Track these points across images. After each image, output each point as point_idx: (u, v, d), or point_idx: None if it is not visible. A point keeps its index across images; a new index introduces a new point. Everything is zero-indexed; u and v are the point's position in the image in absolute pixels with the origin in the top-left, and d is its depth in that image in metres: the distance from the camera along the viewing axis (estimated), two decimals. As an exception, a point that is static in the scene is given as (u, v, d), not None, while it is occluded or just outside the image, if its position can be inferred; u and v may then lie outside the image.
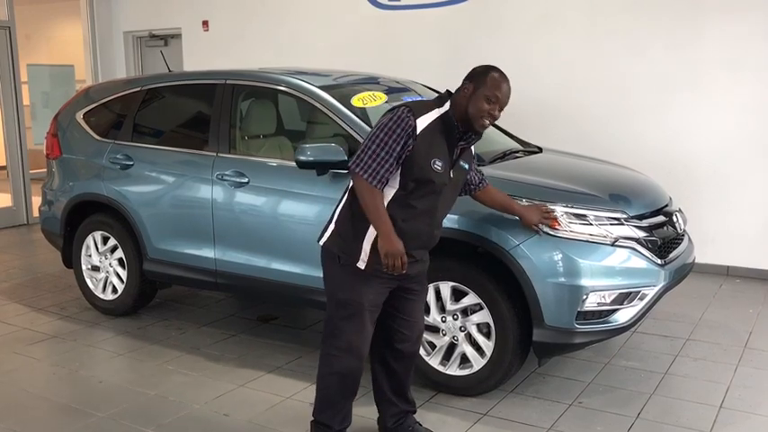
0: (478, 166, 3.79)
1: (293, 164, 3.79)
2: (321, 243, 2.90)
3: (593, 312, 3.37)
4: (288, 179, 3.99)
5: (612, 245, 3.39)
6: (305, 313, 4.88)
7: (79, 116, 5.09)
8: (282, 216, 4.03)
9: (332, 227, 2.87)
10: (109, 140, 4.86)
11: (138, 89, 4.86)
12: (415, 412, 3.18)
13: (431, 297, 3.58)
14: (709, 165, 5.73)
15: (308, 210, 3.94)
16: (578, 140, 5.82)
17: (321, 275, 3.66)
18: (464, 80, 2.82)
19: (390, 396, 3.10)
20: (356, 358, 2.86)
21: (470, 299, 3.49)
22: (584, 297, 3.31)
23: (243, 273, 4.19)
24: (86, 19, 8.70)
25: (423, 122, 2.70)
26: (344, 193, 2.90)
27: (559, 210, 3.38)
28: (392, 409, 3.11)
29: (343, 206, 2.87)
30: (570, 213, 3.38)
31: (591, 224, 3.39)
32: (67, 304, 5.16)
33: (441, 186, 2.77)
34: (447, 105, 2.78)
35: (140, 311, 4.94)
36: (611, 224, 3.43)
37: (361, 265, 2.76)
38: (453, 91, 2.83)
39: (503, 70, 2.83)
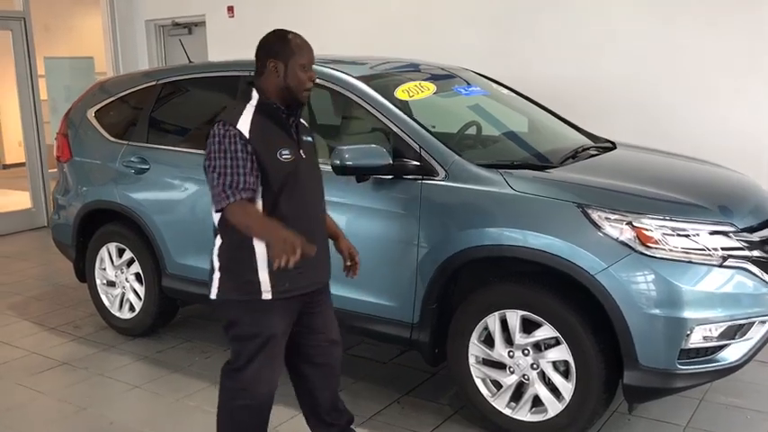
0: (549, 169, 3.23)
1: (328, 167, 3.23)
2: (214, 297, 2.55)
3: (697, 350, 2.75)
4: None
5: (721, 266, 2.77)
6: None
7: (90, 114, 4.60)
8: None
9: (217, 276, 2.53)
10: (123, 141, 4.35)
11: (154, 83, 4.34)
12: (353, 421, 2.89)
13: (495, 328, 3.00)
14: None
15: (345, 221, 3.38)
16: (646, 131, 5.15)
17: (355, 297, 3.35)
18: (262, 59, 2.52)
19: (329, 415, 2.82)
20: (268, 389, 2.61)
21: (545, 331, 2.90)
22: (689, 332, 2.70)
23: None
24: (106, 7, 8.22)
25: (244, 125, 2.44)
26: (215, 238, 2.56)
27: (656, 223, 2.76)
28: (332, 430, 2.83)
29: (220, 249, 2.54)
30: (670, 228, 2.76)
31: (694, 241, 2.77)
32: (82, 322, 4.69)
33: (298, 171, 2.52)
34: (255, 94, 2.53)
35: (160, 331, 4.43)
36: (717, 240, 2.80)
37: (267, 296, 2.48)
38: (254, 80, 2.56)
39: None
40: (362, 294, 3.33)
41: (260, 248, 2.45)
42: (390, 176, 3.20)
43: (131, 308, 4.40)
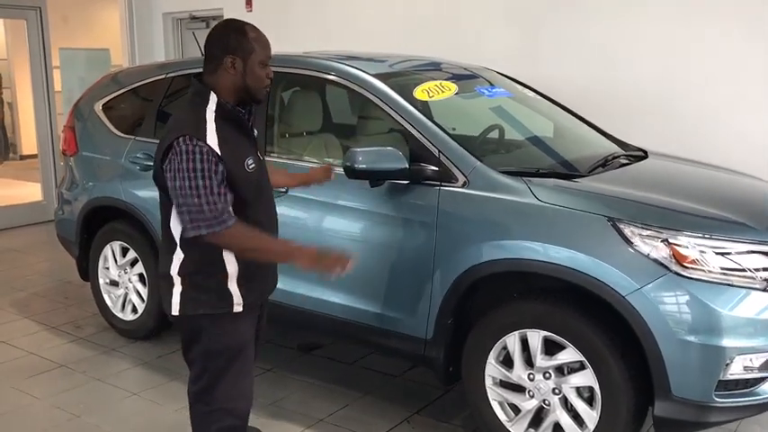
0: (577, 178, 3.01)
1: (341, 170, 3.04)
2: (177, 314, 2.35)
3: (737, 381, 2.52)
4: (334, 190, 3.24)
5: (765, 290, 2.53)
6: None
7: (98, 107, 4.44)
8: (327, 235, 3.28)
9: (179, 290, 2.33)
10: (129, 136, 4.18)
11: (163, 76, 4.16)
12: None
13: (515, 348, 2.79)
14: None
15: (357, 228, 3.19)
16: (675, 141, 4.87)
17: (364, 308, 3.17)
18: (217, 55, 2.30)
19: None
20: (247, 404, 2.49)
21: (569, 354, 2.68)
22: (728, 361, 2.47)
23: (276, 299, 3.44)
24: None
25: (211, 136, 2.22)
26: (173, 252, 2.34)
27: (693, 241, 2.53)
28: None
29: (182, 264, 2.33)
30: (709, 247, 2.53)
31: (735, 262, 2.53)
32: (84, 322, 4.53)
33: (261, 175, 2.42)
34: (213, 96, 2.30)
35: (163, 334, 4.26)
36: (761, 261, 2.57)
37: (238, 308, 2.36)
38: (204, 77, 2.34)
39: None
40: (372, 306, 3.13)
41: (230, 262, 2.31)
42: (406, 181, 3.00)
43: (134, 309, 4.23)
